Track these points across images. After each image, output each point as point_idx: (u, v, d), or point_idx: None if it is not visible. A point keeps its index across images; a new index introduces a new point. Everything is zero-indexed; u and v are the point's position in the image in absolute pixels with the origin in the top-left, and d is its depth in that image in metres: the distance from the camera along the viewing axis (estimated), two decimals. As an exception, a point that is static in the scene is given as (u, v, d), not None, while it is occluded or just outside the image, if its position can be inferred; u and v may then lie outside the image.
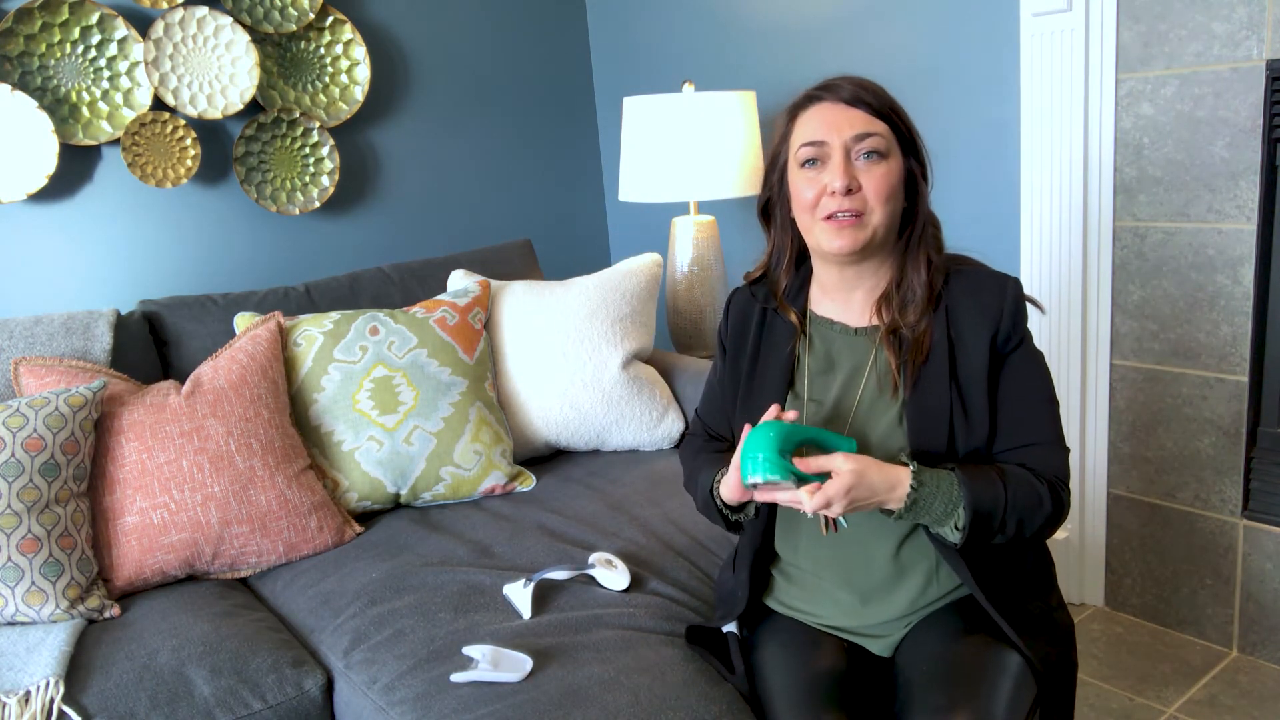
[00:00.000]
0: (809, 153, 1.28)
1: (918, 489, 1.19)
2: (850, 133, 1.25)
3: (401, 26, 2.74)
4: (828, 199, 1.26)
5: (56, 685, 1.40)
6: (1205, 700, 2.00)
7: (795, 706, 1.25)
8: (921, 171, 1.30)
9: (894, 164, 1.26)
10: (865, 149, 1.25)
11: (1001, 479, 1.22)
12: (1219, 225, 2.01)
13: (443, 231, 2.88)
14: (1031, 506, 1.22)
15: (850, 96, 1.27)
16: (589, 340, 2.16)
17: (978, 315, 1.27)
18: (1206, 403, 2.10)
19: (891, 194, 1.26)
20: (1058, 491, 1.25)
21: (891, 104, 1.29)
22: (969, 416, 1.27)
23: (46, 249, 2.28)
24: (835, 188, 1.24)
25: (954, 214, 2.30)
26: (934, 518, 1.21)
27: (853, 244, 1.26)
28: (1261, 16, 1.86)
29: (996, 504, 1.20)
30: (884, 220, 1.26)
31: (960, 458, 1.26)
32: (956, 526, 1.21)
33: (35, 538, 1.58)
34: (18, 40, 2.15)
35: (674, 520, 1.82)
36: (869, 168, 1.25)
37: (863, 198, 1.25)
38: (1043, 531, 1.26)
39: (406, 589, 1.64)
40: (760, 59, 2.71)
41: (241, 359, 1.89)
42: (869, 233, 1.26)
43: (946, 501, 1.20)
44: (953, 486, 1.20)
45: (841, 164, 1.25)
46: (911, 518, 1.21)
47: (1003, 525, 1.21)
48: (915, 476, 1.19)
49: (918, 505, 1.19)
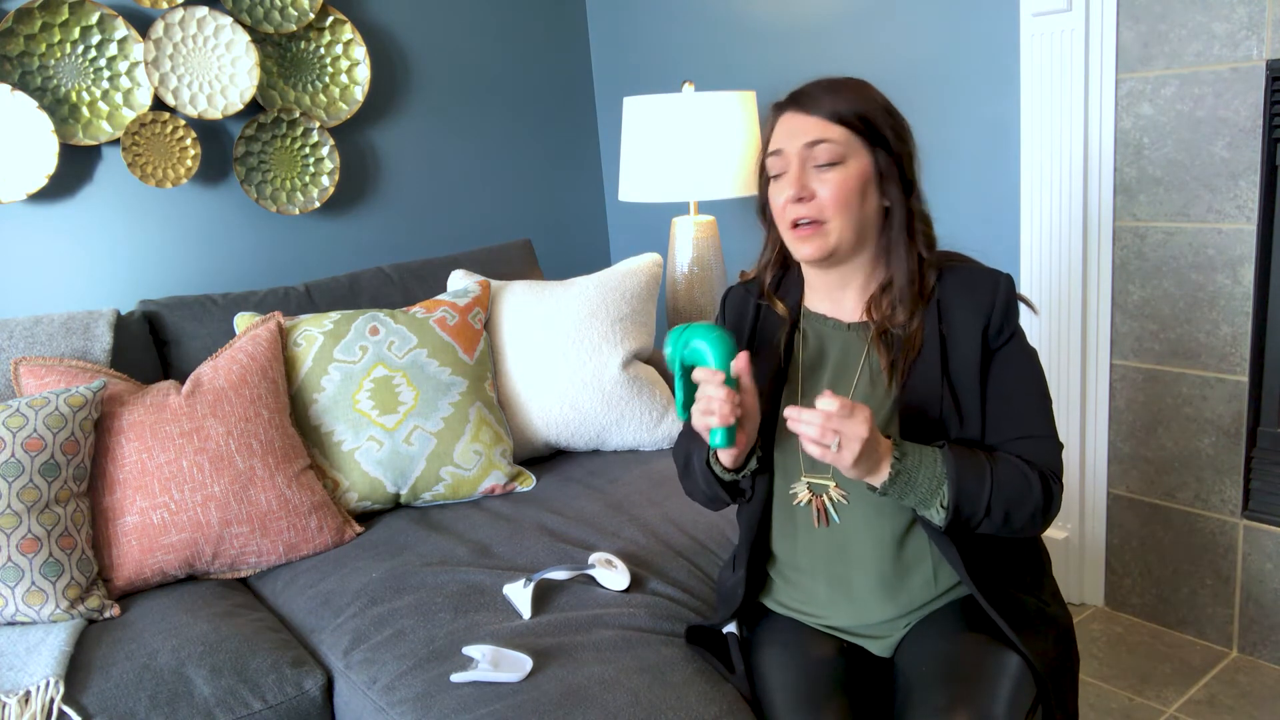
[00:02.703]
0: (771, 163, 1.31)
1: (901, 459, 1.19)
2: (803, 140, 1.27)
3: (401, 26, 2.74)
4: (790, 206, 1.28)
5: (56, 685, 1.40)
6: (1205, 700, 2.00)
7: (795, 707, 1.25)
8: (903, 168, 1.29)
9: (852, 168, 1.26)
10: (818, 158, 1.26)
11: (990, 461, 1.22)
12: (1219, 225, 2.01)
13: (443, 231, 2.88)
14: (1020, 493, 1.22)
15: (807, 104, 1.28)
16: (589, 340, 2.16)
17: (970, 311, 1.28)
18: (1206, 403, 2.10)
19: (847, 200, 1.26)
20: (1048, 482, 1.24)
21: (856, 105, 1.27)
22: (961, 412, 1.27)
23: (46, 249, 2.28)
24: (788, 196, 1.27)
25: (954, 214, 2.31)
26: (919, 496, 1.21)
27: (816, 251, 1.28)
28: (1261, 16, 1.86)
29: (982, 484, 1.20)
30: (846, 226, 1.27)
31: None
32: (942, 505, 1.21)
33: (35, 538, 1.58)
34: (18, 40, 2.15)
35: (674, 520, 1.82)
36: (821, 175, 1.26)
37: (819, 205, 1.26)
38: (1033, 523, 1.25)
39: (406, 589, 1.64)
40: (760, 59, 2.71)
41: (241, 359, 1.89)
42: (831, 239, 1.27)
43: (931, 477, 1.20)
44: (937, 463, 1.20)
45: (796, 173, 1.27)
46: (896, 492, 1.20)
47: (989, 509, 1.20)
48: (898, 448, 1.19)
49: (901, 478, 1.19)
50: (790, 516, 1.37)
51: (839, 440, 1.13)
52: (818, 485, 1.33)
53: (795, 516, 1.37)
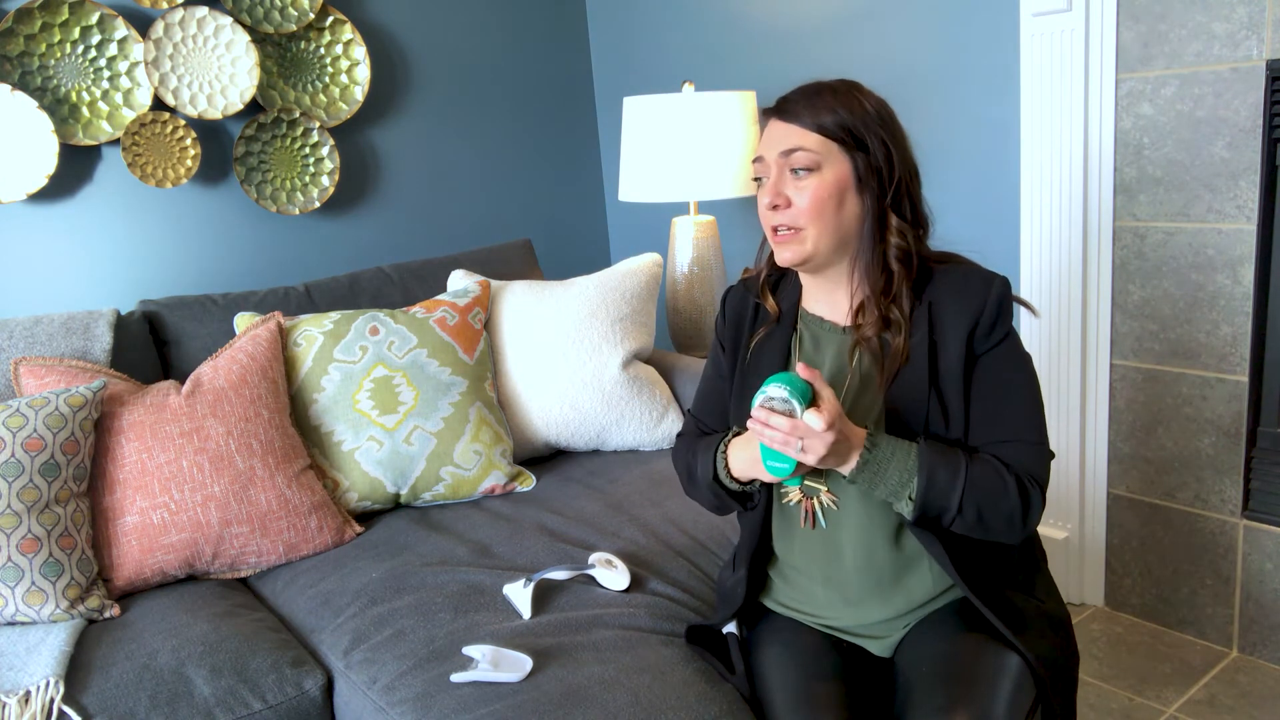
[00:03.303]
0: (754, 169, 1.32)
1: (871, 449, 1.19)
2: (780, 149, 1.27)
3: (401, 26, 2.74)
4: (769, 213, 1.29)
5: (56, 685, 1.41)
6: (1205, 700, 2.00)
7: (795, 707, 1.25)
8: (884, 174, 1.26)
9: (828, 175, 1.25)
10: (792, 165, 1.26)
11: (965, 460, 1.21)
12: (1219, 225, 2.01)
13: (443, 231, 2.88)
14: (994, 494, 1.21)
15: (787, 111, 1.29)
16: (589, 340, 2.16)
17: (958, 314, 1.27)
18: (1206, 403, 2.10)
19: (821, 207, 1.25)
20: (1025, 486, 1.23)
21: (836, 112, 1.25)
22: (947, 416, 1.26)
23: (46, 249, 2.28)
24: (764, 203, 1.28)
25: (954, 214, 2.31)
26: (889, 488, 1.21)
27: (793, 257, 1.28)
28: (1261, 16, 1.86)
29: (954, 480, 1.19)
30: (822, 233, 1.26)
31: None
32: (910, 497, 1.20)
33: (35, 538, 1.58)
34: (18, 40, 2.15)
35: (674, 520, 1.82)
36: (797, 183, 1.26)
37: (794, 213, 1.26)
38: (1010, 527, 1.23)
39: (406, 589, 1.64)
40: (760, 59, 2.71)
41: (241, 359, 1.89)
42: (808, 246, 1.27)
43: (902, 469, 1.20)
44: (910, 456, 1.20)
45: (774, 180, 1.28)
46: (864, 481, 1.21)
47: (960, 506, 1.20)
48: (870, 438, 1.19)
49: (869, 467, 1.19)
50: (788, 516, 1.38)
51: (801, 445, 1.16)
52: (810, 488, 1.33)
53: (792, 516, 1.37)
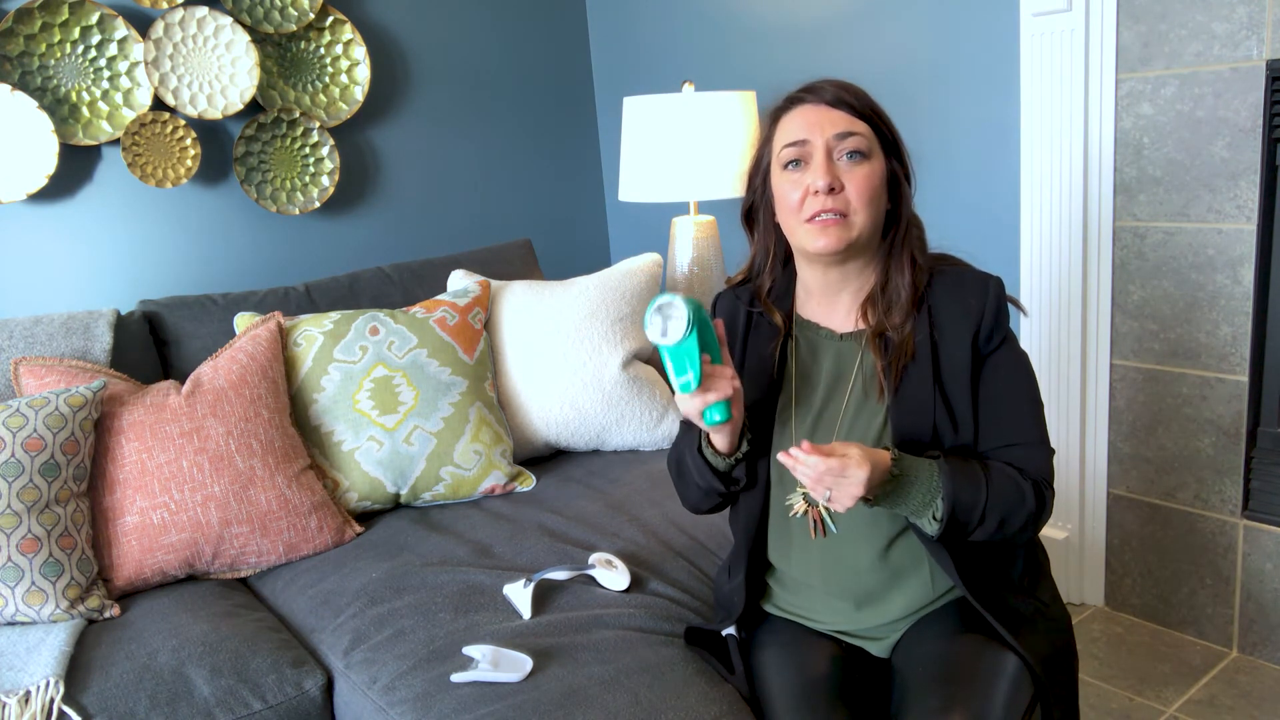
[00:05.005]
0: (792, 153, 1.27)
1: (896, 476, 1.18)
2: (832, 132, 1.25)
3: (401, 26, 2.74)
4: (811, 199, 1.25)
5: (56, 685, 1.40)
6: (1205, 700, 2.00)
7: (794, 707, 1.25)
8: (904, 174, 1.30)
9: (876, 165, 1.26)
10: (848, 149, 1.25)
11: (985, 473, 1.22)
12: (1219, 225, 2.01)
13: (443, 231, 2.88)
14: (1014, 504, 1.22)
15: (832, 98, 1.27)
16: (589, 340, 2.16)
17: (960, 315, 1.27)
18: (1206, 403, 2.10)
19: (874, 195, 1.25)
20: (1041, 491, 1.25)
21: (873, 106, 1.28)
22: (953, 417, 1.27)
23: (46, 249, 2.28)
24: (818, 186, 1.24)
25: (954, 214, 2.31)
26: (911, 508, 1.21)
27: (837, 243, 1.25)
28: (1261, 16, 1.86)
29: (977, 498, 1.20)
30: (868, 221, 1.26)
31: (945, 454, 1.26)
32: (935, 517, 1.20)
33: (35, 538, 1.58)
34: (18, 40, 2.15)
35: (674, 520, 1.82)
36: (851, 168, 1.25)
37: (846, 198, 1.24)
38: (1025, 530, 1.25)
39: (406, 589, 1.64)
40: (760, 59, 2.71)
41: (241, 359, 1.89)
42: (853, 233, 1.25)
43: (925, 490, 1.19)
44: (932, 476, 1.20)
45: (824, 163, 1.24)
46: (888, 504, 1.20)
47: (983, 519, 1.20)
48: (896, 464, 1.19)
49: (894, 494, 1.19)
50: (786, 528, 1.37)
51: (829, 494, 1.16)
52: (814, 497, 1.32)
53: (791, 528, 1.36)
